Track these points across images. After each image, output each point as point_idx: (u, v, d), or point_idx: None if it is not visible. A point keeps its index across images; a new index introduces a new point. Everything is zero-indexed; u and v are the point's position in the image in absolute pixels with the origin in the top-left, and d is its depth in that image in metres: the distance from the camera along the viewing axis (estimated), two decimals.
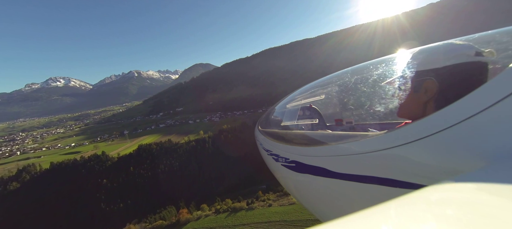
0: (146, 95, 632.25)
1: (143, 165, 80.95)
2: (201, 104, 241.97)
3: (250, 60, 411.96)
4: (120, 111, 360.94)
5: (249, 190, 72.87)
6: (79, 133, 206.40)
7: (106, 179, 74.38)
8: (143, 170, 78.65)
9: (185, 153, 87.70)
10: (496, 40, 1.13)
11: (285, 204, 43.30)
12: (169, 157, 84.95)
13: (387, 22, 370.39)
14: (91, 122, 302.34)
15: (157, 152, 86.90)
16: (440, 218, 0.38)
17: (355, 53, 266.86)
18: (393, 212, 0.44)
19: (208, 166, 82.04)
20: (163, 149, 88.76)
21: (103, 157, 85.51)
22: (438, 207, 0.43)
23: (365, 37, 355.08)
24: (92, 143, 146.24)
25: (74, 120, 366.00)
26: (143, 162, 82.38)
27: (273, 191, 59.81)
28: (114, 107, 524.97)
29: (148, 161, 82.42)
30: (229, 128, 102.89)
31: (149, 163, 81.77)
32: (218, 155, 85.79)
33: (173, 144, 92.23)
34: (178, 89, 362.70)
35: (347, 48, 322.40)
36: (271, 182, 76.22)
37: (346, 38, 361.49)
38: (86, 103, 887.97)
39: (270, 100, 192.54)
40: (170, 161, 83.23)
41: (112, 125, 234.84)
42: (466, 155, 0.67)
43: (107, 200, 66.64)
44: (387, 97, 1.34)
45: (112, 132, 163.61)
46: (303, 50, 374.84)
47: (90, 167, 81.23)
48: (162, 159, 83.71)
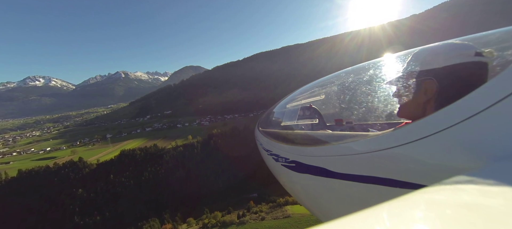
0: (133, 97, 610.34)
1: (125, 172, 74.87)
2: (191, 107, 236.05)
3: (241, 64, 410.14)
4: (105, 114, 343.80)
5: (240, 199, 69.10)
6: (57, 136, 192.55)
7: (82, 188, 67.64)
8: (125, 177, 72.57)
9: (172, 159, 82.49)
10: (496, 40, 1.12)
11: (280, 217, 40.16)
12: (155, 163, 79.41)
13: (374, 30, 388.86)
14: (71, 124, 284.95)
15: (141, 158, 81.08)
16: (440, 218, 0.38)
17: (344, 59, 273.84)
18: (393, 212, 0.44)
19: (197, 173, 77.35)
20: (148, 154, 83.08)
21: (80, 164, 78.34)
22: (438, 207, 0.43)
23: (354, 44, 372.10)
24: (70, 147, 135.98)
25: (52, 121, 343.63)
26: (125, 169, 76.26)
27: (266, 202, 56.46)
28: (98, 109, 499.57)
29: (131, 167, 76.44)
30: (219, 132, 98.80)
31: (132, 170, 75.81)
32: (207, 161, 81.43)
33: (159, 149, 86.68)
34: (167, 92, 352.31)
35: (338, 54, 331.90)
36: (263, 190, 72.96)
37: (336, 44, 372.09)
38: (67, 105, 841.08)
39: (262, 105, 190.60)
40: (155, 167, 77.70)
41: (95, 128, 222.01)
42: (466, 155, 0.67)
43: (82, 213, 60.12)
44: (387, 97, 1.35)
45: (93, 136, 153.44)
46: (295, 54, 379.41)
47: (64, 175, 73.85)
48: (146, 165, 78.03)
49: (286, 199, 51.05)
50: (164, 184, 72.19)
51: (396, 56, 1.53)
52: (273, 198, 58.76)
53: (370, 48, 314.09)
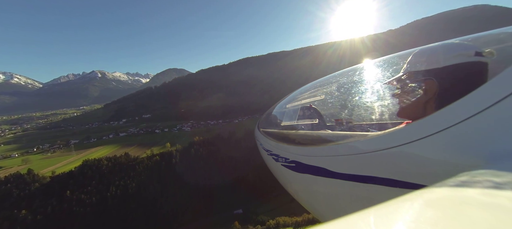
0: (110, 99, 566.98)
1: (87, 187, 63.32)
2: (172, 111, 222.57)
3: (226, 68, 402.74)
4: (74, 116, 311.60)
5: (223, 217, 61.48)
6: (11, 140, 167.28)
7: (27, 208, 55.02)
8: (85, 194, 61.13)
9: (146, 170, 72.40)
10: (496, 40, 1.13)
11: None
12: (124, 176, 68.70)
13: (354, 42, 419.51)
14: (32, 127, 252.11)
15: (108, 169, 69.77)
16: (440, 218, 0.38)
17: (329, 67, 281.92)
18: (393, 212, 0.44)
19: (174, 187, 68.18)
20: (117, 165, 71.98)
21: (28, 177, 64.95)
22: (438, 207, 0.43)
23: (337, 53, 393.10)
24: (24, 154, 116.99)
25: (10, 123, 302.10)
26: (87, 183, 64.62)
27: (253, 223, 49.87)
28: (67, 111, 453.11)
29: (94, 181, 64.99)
30: (201, 140, 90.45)
31: (96, 184, 64.43)
32: (187, 172, 72.63)
33: (130, 159, 75.87)
34: (146, 94, 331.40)
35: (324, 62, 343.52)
36: (248, 205, 66.11)
37: (320, 53, 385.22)
38: (31, 105, 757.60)
39: (247, 110, 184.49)
40: (125, 180, 67.08)
41: (59, 131, 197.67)
42: (466, 155, 0.67)
43: None
44: (387, 97, 1.36)
45: (55, 141, 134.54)
46: (281, 61, 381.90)
47: (6, 191, 60.17)
48: (114, 178, 67.07)
49: (276, 221, 44.97)
50: (134, 202, 62.01)
51: (396, 56, 1.54)
52: (262, 218, 52.39)
53: (351, 56, 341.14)
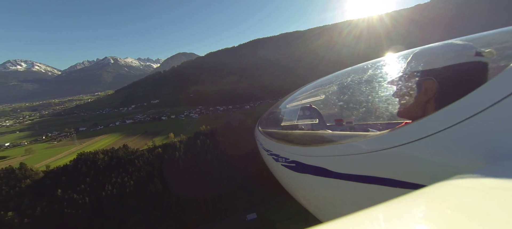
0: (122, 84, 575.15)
1: (80, 184, 56.19)
2: (181, 96, 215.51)
3: (237, 50, 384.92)
4: (89, 102, 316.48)
5: (233, 223, 52.51)
6: (25, 127, 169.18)
7: (15, 210, 48.87)
8: (78, 193, 54.04)
9: (146, 165, 64.09)
10: (496, 40, 1.13)
11: None
12: (122, 172, 60.83)
13: (372, 21, 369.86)
14: (49, 113, 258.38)
15: (104, 164, 62.22)
16: (440, 218, 0.38)
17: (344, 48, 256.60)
18: (393, 212, 0.44)
19: (177, 185, 59.40)
20: (114, 159, 64.20)
21: (20, 172, 58.87)
22: (438, 207, 0.43)
23: (353, 34, 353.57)
24: (34, 142, 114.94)
25: (31, 110, 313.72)
26: (81, 179, 57.51)
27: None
28: (83, 97, 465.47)
29: (89, 178, 57.70)
30: (208, 129, 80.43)
31: (90, 182, 57.14)
32: (192, 168, 63.51)
33: (129, 152, 67.92)
34: (155, 79, 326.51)
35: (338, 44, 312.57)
36: (262, 209, 56.73)
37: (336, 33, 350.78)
38: (51, 91, 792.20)
39: (258, 95, 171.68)
40: (122, 177, 59.17)
41: (72, 118, 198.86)
42: (466, 155, 0.68)
43: None
44: (387, 97, 1.35)
45: (63, 129, 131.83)
46: (295, 42, 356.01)
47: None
48: (110, 174, 59.42)
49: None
50: (132, 203, 54.19)
51: (396, 56, 1.54)
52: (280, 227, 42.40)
53: (368, 39, 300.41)
